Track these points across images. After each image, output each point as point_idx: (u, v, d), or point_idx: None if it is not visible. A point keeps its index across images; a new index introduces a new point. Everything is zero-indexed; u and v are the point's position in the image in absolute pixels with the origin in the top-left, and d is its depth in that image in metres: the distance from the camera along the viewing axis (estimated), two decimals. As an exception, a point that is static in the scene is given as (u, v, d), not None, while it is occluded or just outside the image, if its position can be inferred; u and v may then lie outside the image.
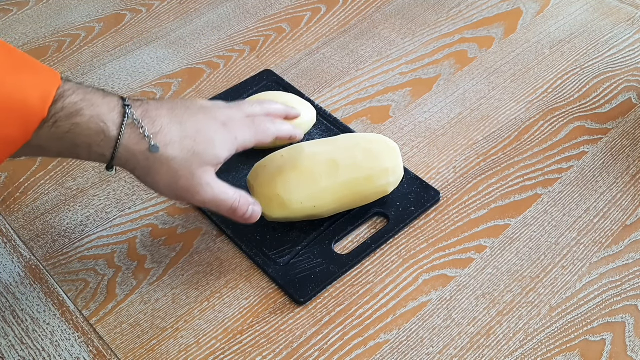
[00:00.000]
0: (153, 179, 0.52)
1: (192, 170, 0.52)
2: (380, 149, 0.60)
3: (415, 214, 0.62)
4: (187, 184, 0.52)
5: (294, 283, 0.57)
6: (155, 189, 0.53)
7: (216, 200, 0.53)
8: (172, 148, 0.51)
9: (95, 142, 0.49)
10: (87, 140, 0.49)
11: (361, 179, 0.58)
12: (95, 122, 0.48)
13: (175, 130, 0.51)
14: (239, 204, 0.54)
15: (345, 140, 0.60)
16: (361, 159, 0.58)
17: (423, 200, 0.62)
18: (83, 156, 0.50)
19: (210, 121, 0.54)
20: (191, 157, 0.51)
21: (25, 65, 0.48)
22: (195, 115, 0.53)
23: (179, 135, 0.51)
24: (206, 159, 0.52)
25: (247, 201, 0.56)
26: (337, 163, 0.58)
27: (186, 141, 0.51)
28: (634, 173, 0.66)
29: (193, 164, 0.52)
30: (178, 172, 0.51)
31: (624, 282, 0.57)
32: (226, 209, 0.54)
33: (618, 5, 0.86)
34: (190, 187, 0.52)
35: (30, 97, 0.46)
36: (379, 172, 0.59)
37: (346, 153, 0.59)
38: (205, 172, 0.52)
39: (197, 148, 0.52)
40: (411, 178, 0.64)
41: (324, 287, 0.57)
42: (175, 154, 0.51)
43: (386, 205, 0.62)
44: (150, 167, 0.51)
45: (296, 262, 0.58)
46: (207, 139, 0.52)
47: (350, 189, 0.58)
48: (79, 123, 0.48)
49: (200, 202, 0.53)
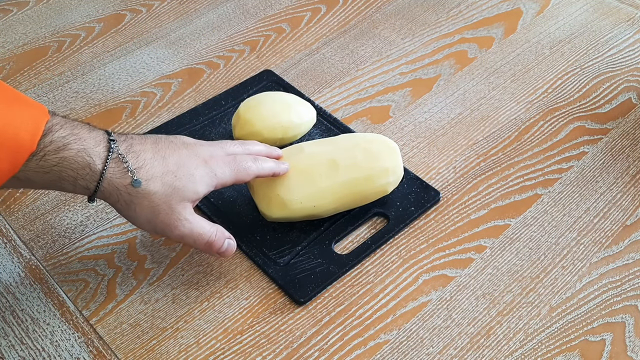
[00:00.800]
0: (134, 213, 0.52)
1: (172, 205, 0.52)
2: (380, 149, 0.60)
3: (415, 214, 0.62)
4: (166, 218, 0.52)
5: (294, 283, 0.57)
6: (134, 223, 0.53)
7: (193, 235, 0.54)
8: (154, 183, 0.52)
9: (81, 175, 0.50)
10: (73, 173, 0.49)
11: (361, 179, 0.58)
12: (82, 156, 0.49)
13: (157, 165, 0.52)
14: (215, 239, 0.55)
15: (345, 140, 0.60)
16: (361, 159, 0.58)
17: (423, 201, 0.62)
18: (68, 189, 0.51)
19: (192, 157, 0.54)
20: (171, 192, 0.52)
21: (15, 99, 0.49)
22: (177, 151, 0.54)
23: (161, 170, 0.52)
24: (186, 194, 0.53)
25: (223, 235, 0.56)
26: (337, 163, 0.58)
27: (167, 176, 0.52)
28: (634, 173, 0.66)
29: (173, 198, 0.52)
30: (158, 206, 0.52)
31: (623, 282, 0.57)
32: (202, 244, 0.54)
33: (618, 5, 0.86)
34: (169, 222, 0.52)
35: (21, 131, 0.46)
36: (378, 172, 0.59)
37: (346, 153, 0.59)
38: (184, 207, 0.53)
39: (177, 183, 0.52)
40: (411, 178, 0.64)
41: (324, 287, 0.57)
42: (156, 189, 0.52)
43: (386, 206, 0.62)
44: (131, 200, 0.51)
45: (296, 262, 0.58)
46: (188, 175, 0.53)
47: (350, 189, 0.58)
48: (66, 157, 0.49)
49: (178, 236, 0.53)
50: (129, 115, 0.74)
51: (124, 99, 0.76)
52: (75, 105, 0.75)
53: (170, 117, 0.73)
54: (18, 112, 0.47)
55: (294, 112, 0.66)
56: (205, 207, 0.63)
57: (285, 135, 0.66)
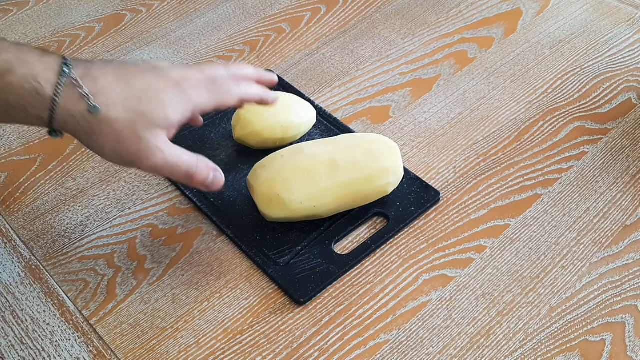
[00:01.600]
0: (97, 143, 0.48)
1: (139, 132, 0.47)
2: (380, 149, 0.60)
3: (415, 214, 0.62)
4: (134, 147, 0.48)
5: (294, 283, 0.57)
6: (101, 154, 0.49)
7: (168, 165, 0.49)
8: (115, 108, 0.47)
9: (30, 102, 0.46)
10: (20, 100, 0.46)
11: (361, 179, 0.58)
12: (28, 80, 0.45)
13: (119, 90, 0.48)
14: (196, 168, 0.50)
15: (345, 141, 0.60)
16: (361, 159, 0.58)
17: (423, 201, 0.63)
18: (21, 118, 0.48)
19: (160, 80, 0.49)
20: (137, 118, 0.47)
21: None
22: (144, 74, 0.49)
23: (123, 95, 0.47)
24: (154, 120, 0.48)
25: (207, 166, 0.52)
26: (337, 163, 0.58)
27: (131, 101, 0.48)
28: (634, 173, 0.66)
29: (139, 125, 0.47)
30: (123, 134, 0.47)
31: (623, 282, 0.57)
32: (182, 174, 0.50)
33: (618, 5, 0.86)
34: (138, 151, 0.48)
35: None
36: (379, 172, 0.59)
37: (346, 153, 0.59)
38: (154, 134, 0.48)
39: (142, 108, 0.48)
40: (411, 178, 0.64)
41: (324, 287, 0.57)
42: (118, 115, 0.47)
43: (386, 206, 0.62)
44: (92, 129, 0.47)
45: (296, 262, 0.58)
46: (155, 98, 0.48)
47: (350, 189, 0.58)
48: (11, 82, 0.45)
49: (150, 167, 0.49)
50: (129, 115, 0.74)
51: (124, 99, 0.76)
52: (75, 105, 0.75)
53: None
54: None
55: (294, 112, 0.66)
56: (205, 207, 0.63)
57: (285, 135, 0.66)
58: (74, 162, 0.69)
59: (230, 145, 0.69)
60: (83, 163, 0.69)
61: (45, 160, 0.69)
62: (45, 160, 0.69)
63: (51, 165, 0.69)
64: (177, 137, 0.69)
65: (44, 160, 0.69)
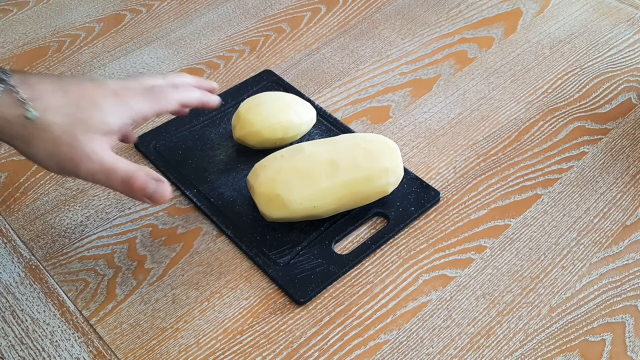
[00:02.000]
0: (34, 149, 0.47)
1: (76, 136, 0.47)
2: (380, 149, 0.60)
3: (415, 214, 0.62)
4: (69, 152, 0.47)
5: (294, 283, 0.57)
6: (36, 161, 0.48)
7: (105, 170, 0.48)
8: (52, 114, 0.47)
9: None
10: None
11: (361, 179, 0.58)
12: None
13: (57, 97, 0.47)
14: (135, 176, 0.49)
15: (345, 141, 0.60)
16: (361, 159, 0.58)
17: (423, 201, 0.63)
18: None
19: (98, 88, 0.49)
20: (74, 122, 0.47)
21: None
22: (82, 84, 0.49)
23: (61, 102, 0.47)
24: (92, 124, 0.48)
25: (147, 174, 0.50)
26: (337, 163, 0.58)
27: (69, 107, 0.47)
28: (634, 173, 0.66)
29: (76, 129, 0.47)
30: (59, 138, 0.47)
31: (623, 282, 0.57)
32: (118, 181, 0.49)
33: (618, 5, 0.86)
34: (74, 156, 0.47)
35: None
36: (378, 172, 0.59)
37: (346, 153, 0.59)
38: (91, 139, 0.47)
39: (80, 114, 0.47)
40: (411, 178, 0.64)
41: (324, 287, 0.57)
42: (55, 120, 0.47)
43: (386, 206, 0.62)
44: (30, 135, 0.47)
45: (296, 262, 0.58)
46: (94, 105, 0.48)
47: (350, 189, 0.58)
48: None
49: (86, 172, 0.48)
50: (129, 115, 0.74)
51: (124, 99, 0.76)
52: (75, 105, 0.75)
53: (169, 117, 0.73)
54: None
55: (294, 112, 0.66)
56: (205, 207, 0.63)
57: (286, 135, 0.66)
58: (74, 162, 0.69)
59: (230, 145, 0.69)
60: (83, 163, 0.69)
61: (45, 160, 0.69)
62: (45, 160, 0.69)
63: (51, 165, 0.69)
64: (176, 137, 0.69)
65: (44, 160, 0.69)
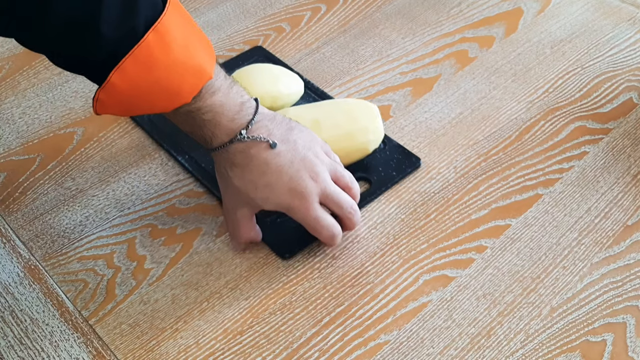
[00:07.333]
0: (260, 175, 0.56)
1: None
2: (360, 109, 0.64)
3: (396, 178, 0.65)
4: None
5: (279, 240, 0.60)
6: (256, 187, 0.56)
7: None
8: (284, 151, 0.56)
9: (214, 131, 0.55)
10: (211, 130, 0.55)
11: (342, 136, 0.62)
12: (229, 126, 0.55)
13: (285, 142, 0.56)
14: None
15: (327, 105, 0.66)
16: (342, 119, 0.63)
17: (404, 166, 0.66)
18: (201, 135, 0.55)
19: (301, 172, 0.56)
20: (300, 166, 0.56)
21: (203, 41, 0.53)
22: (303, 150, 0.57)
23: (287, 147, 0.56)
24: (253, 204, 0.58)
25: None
26: (320, 122, 0.62)
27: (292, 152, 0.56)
28: (635, 173, 0.66)
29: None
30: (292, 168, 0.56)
31: (625, 282, 0.57)
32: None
33: (619, 4, 0.85)
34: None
35: (206, 72, 0.52)
36: (359, 130, 0.63)
37: (328, 114, 0.64)
38: None
39: None
40: (393, 145, 0.68)
41: (307, 244, 0.60)
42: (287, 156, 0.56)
43: (369, 171, 0.65)
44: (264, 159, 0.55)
45: (282, 222, 0.61)
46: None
47: (333, 146, 0.61)
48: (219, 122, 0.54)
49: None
50: (129, 114, 0.74)
51: (124, 99, 0.76)
52: (75, 105, 0.75)
53: (169, 117, 0.73)
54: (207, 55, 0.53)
55: (282, 83, 0.69)
56: (196, 171, 0.66)
57: (274, 105, 0.68)
58: (73, 162, 0.69)
59: None
60: (82, 163, 0.69)
61: (45, 160, 0.69)
62: (45, 160, 0.69)
63: (50, 165, 0.69)
64: None
65: (43, 160, 0.69)
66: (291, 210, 0.56)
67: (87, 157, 0.69)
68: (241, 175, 0.56)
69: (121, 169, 0.68)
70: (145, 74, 0.49)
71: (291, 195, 0.55)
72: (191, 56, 0.51)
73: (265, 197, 0.56)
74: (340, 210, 0.58)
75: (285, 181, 0.55)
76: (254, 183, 0.56)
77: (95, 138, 0.71)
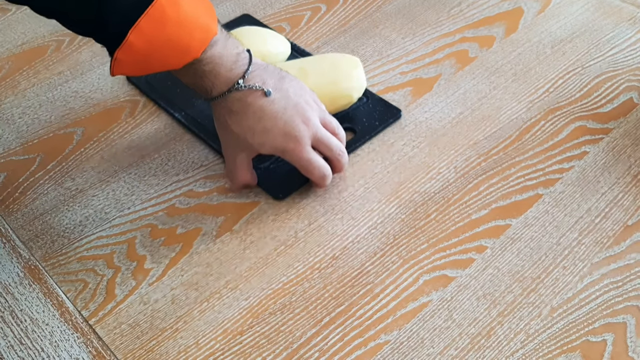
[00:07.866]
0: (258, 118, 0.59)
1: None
2: (344, 60, 0.69)
3: (379, 127, 0.70)
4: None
5: (273, 183, 0.65)
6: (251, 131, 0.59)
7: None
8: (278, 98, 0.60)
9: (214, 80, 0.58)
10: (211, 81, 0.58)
11: (327, 82, 0.67)
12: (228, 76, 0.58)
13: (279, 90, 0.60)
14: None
15: (313, 57, 0.71)
16: (327, 68, 0.68)
17: (386, 117, 0.71)
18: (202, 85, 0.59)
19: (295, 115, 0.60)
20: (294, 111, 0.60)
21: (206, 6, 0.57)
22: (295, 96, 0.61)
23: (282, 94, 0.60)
24: None
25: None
26: (306, 70, 0.67)
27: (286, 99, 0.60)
28: (636, 173, 0.66)
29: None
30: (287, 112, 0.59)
31: (625, 282, 0.57)
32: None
33: (620, 4, 0.85)
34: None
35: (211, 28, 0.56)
36: (342, 77, 0.68)
37: (314, 64, 0.69)
38: None
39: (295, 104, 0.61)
40: (376, 99, 0.72)
41: (300, 185, 0.65)
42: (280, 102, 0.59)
43: (354, 121, 0.70)
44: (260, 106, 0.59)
45: (275, 167, 0.66)
46: None
47: (318, 91, 0.65)
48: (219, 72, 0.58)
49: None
50: (128, 114, 0.74)
51: (123, 99, 0.76)
52: (75, 105, 0.75)
53: (169, 117, 0.73)
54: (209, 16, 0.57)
55: (270, 44, 0.73)
56: (192, 125, 0.70)
57: None
58: (73, 161, 0.69)
59: None
60: (82, 163, 0.69)
61: (44, 160, 0.69)
62: (44, 160, 0.69)
63: (50, 165, 0.69)
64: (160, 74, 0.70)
65: (43, 160, 0.69)
66: (286, 152, 0.60)
67: (87, 157, 0.69)
68: (239, 122, 0.59)
69: (121, 169, 0.68)
70: (158, 32, 0.53)
71: (286, 138, 0.59)
72: (197, 14, 0.55)
73: (262, 141, 0.60)
74: (330, 152, 0.62)
75: (280, 126, 0.59)
76: (251, 129, 0.59)
77: (95, 138, 0.71)
